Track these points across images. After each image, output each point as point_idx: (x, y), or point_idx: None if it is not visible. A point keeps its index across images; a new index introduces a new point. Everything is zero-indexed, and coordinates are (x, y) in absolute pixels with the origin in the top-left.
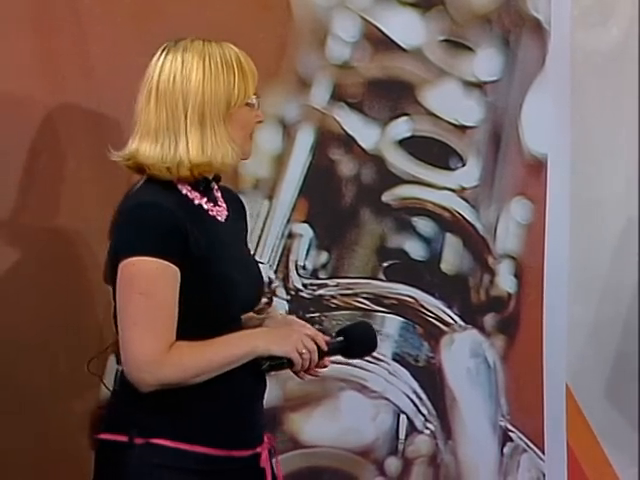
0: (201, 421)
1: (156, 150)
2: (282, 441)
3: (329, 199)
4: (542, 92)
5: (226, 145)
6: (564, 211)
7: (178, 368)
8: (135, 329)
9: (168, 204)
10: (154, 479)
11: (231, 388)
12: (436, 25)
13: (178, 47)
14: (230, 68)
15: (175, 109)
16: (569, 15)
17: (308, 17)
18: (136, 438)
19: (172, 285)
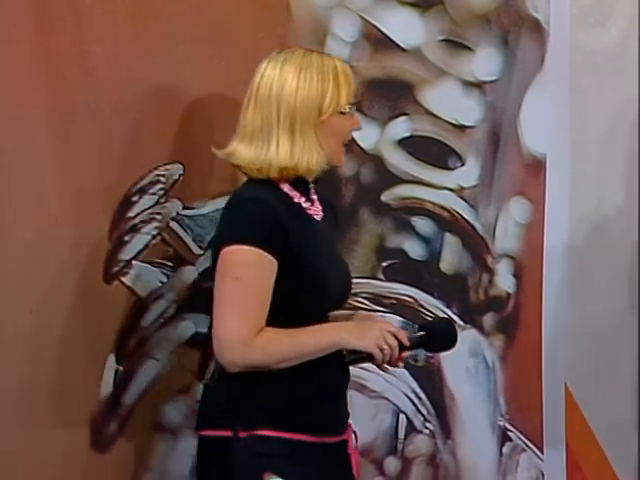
0: (297, 410)
1: (250, 152)
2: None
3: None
4: (541, 92)
5: (313, 151)
6: (563, 211)
7: (264, 352)
8: (227, 311)
9: (271, 200)
10: (260, 468)
11: (322, 378)
12: (435, 25)
13: (280, 56)
14: (325, 78)
15: (269, 114)
16: (568, 15)
17: (308, 17)
18: (240, 432)
19: (267, 274)
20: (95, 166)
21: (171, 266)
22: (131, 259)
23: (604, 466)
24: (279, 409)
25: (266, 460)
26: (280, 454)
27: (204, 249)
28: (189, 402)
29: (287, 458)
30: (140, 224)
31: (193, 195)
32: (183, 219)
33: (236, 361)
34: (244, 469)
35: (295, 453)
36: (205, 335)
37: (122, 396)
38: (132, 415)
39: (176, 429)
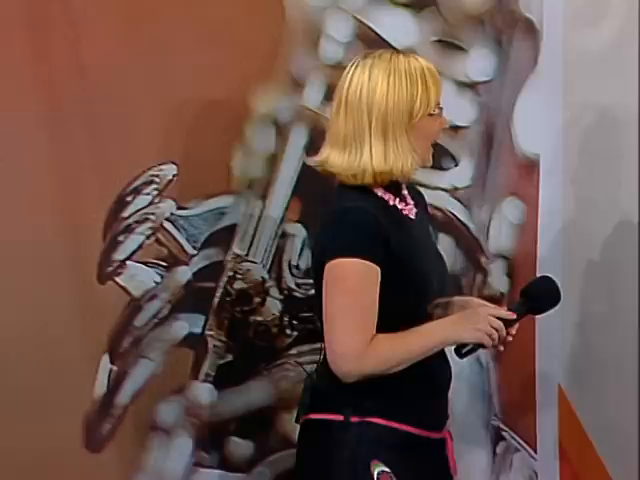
0: (407, 402)
1: (343, 158)
2: (275, 440)
3: (322, 199)
4: (534, 92)
5: (407, 154)
6: (557, 211)
7: (379, 360)
8: (339, 325)
9: (371, 209)
10: (369, 455)
11: (429, 373)
12: (429, 26)
13: (367, 61)
14: (414, 81)
15: (360, 120)
16: (561, 16)
17: (301, 18)
18: (352, 417)
19: (374, 284)
20: (89, 166)
21: (165, 266)
22: (125, 259)
23: (597, 466)
24: (390, 400)
25: (375, 448)
26: (389, 443)
27: (198, 249)
28: (183, 402)
29: (395, 448)
30: (134, 224)
31: (187, 195)
32: (177, 219)
33: (352, 372)
34: (353, 454)
35: (403, 444)
36: (198, 335)
37: (116, 396)
38: (126, 415)
39: (170, 429)
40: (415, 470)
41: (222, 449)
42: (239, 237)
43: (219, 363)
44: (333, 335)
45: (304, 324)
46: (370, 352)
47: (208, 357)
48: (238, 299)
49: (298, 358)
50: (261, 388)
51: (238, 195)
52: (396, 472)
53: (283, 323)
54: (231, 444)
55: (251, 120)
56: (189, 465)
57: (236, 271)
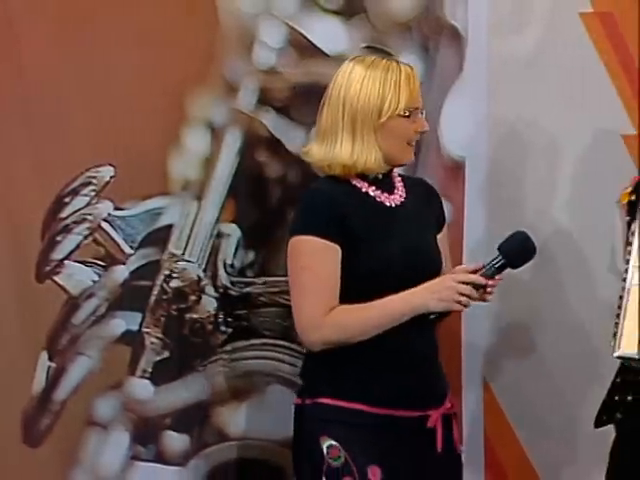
0: (359, 381)
1: (320, 150)
2: (210, 434)
3: (256, 200)
4: (460, 97)
5: (372, 151)
6: (481, 212)
7: (338, 328)
8: (299, 297)
9: (332, 192)
10: (319, 429)
11: (394, 348)
12: (358, 32)
13: (351, 62)
14: (386, 83)
15: (336, 115)
16: (485, 23)
17: (235, 24)
18: (307, 399)
19: (330, 259)
20: (27, 167)
21: (102, 265)
22: (63, 259)
23: (522, 458)
24: (341, 379)
25: (324, 425)
26: (337, 420)
27: (135, 249)
28: (120, 397)
29: (344, 425)
30: (72, 224)
31: (124, 196)
32: (114, 220)
33: (314, 340)
34: (306, 432)
35: (352, 420)
36: (135, 332)
37: (54, 392)
38: (64, 411)
39: (107, 424)
40: (368, 445)
41: (158, 443)
42: (175, 237)
43: (156, 359)
44: (294, 308)
45: (238, 321)
46: (329, 321)
47: (145, 354)
48: (174, 297)
49: (232, 354)
50: (196, 383)
51: (174, 196)
52: (346, 445)
53: (218, 320)
54: (167, 438)
55: (187, 123)
56: (126, 459)
57: (172, 270)
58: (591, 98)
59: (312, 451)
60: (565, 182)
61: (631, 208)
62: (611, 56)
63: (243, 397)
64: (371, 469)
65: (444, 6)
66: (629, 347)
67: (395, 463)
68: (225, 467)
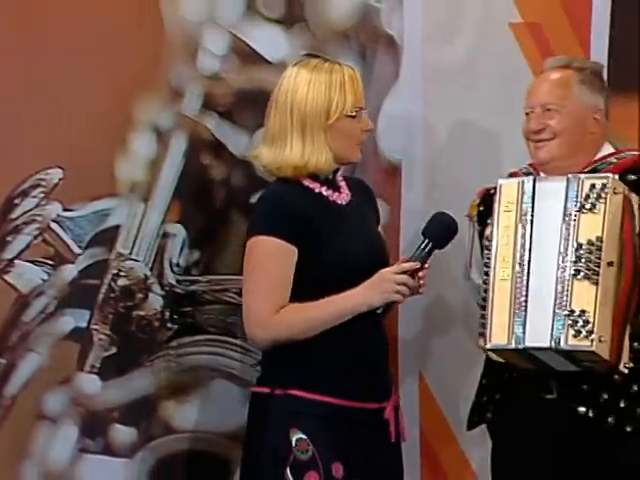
0: (330, 375)
1: (270, 153)
2: (157, 427)
3: (201, 201)
4: (396, 103)
5: (322, 151)
6: (417, 212)
7: (284, 325)
8: (249, 296)
9: (287, 194)
10: (289, 422)
11: (355, 346)
12: (299, 40)
13: (295, 67)
14: (332, 86)
15: (285, 119)
16: (420, 32)
17: (180, 32)
18: (276, 389)
19: (283, 259)
20: None
21: (52, 265)
22: (13, 258)
23: (456, 450)
24: (312, 373)
25: (294, 417)
26: (308, 413)
27: (83, 248)
28: (69, 392)
29: (314, 418)
30: (22, 225)
31: (72, 198)
32: (63, 220)
33: (260, 337)
34: (275, 423)
35: (324, 414)
36: (84, 329)
37: (4, 387)
38: (14, 405)
39: (56, 418)
40: (337, 438)
41: (106, 436)
42: (122, 237)
43: (103, 355)
44: (244, 306)
45: (184, 318)
46: (276, 319)
47: (93, 350)
48: (122, 295)
49: (178, 350)
50: (143, 378)
51: (121, 197)
52: (314, 440)
53: (164, 317)
54: (115, 431)
55: (133, 127)
56: (75, 451)
57: (120, 269)
58: (520, 104)
59: (278, 442)
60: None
61: (480, 218)
62: (539, 64)
63: (188, 391)
64: (335, 466)
65: (380, 16)
66: (499, 339)
67: (355, 458)
68: (171, 459)
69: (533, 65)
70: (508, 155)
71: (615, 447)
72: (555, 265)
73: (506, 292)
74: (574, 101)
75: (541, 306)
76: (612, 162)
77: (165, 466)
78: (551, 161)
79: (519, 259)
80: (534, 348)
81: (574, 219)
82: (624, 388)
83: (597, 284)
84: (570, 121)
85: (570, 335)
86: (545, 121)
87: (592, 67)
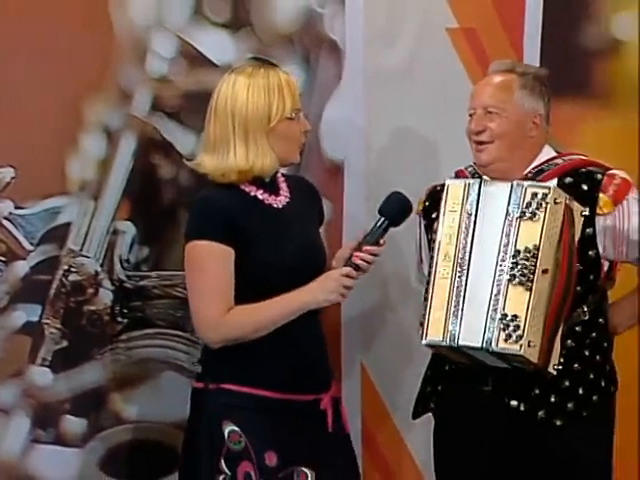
0: (264, 368)
1: (213, 161)
2: (107, 418)
3: (150, 199)
4: (339, 105)
5: (266, 154)
6: (359, 210)
7: (235, 326)
8: (196, 300)
9: (221, 198)
10: (222, 415)
11: (289, 341)
12: (244, 44)
13: (232, 75)
14: (270, 91)
15: (226, 126)
16: (361, 37)
17: (129, 35)
18: (210, 384)
19: (223, 261)
20: None
21: (4, 261)
22: None
23: (397, 439)
24: (245, 367)
25: (227, 411)
26: (240, 406)
27: (35, 245)
28: (21, 385)
29: (247, 411)
30: None
31: (24, 196)
32: (15, 218)
33: (213, 338)
34: (209, 417)
35: (257, 407)
36: (36, 323)
37: None
38: None
39: (9, 409)
40: (269, 429)
41: (57, 426)
42: (73, 234)
43: (55, 349)
44: (192, 310)
45: (134, 312)
46: (226, 320)
47: (45, 343)
48: (73, 290)
49: (128, 343)
50: (94, 371)
51: (72, 196)
52: (246, 431)
53: (114, 312)
54: (66, 422)
55: (84, 127)
56: (27, 442)
57: (71, 265)
58: (457, 107)
59: (213, 434)
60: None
61: (426, 213)
62: (475, 68)
63: (138, 383)
64: (268, 455)
65: (323, 21)
66: (435, 335)
67: (290, 447)
68: (121, 448)
69: (469, 69)
70: (445, 156)
71: (545, 440)
72: (493, 269)
73: (445, 290)
74: (514, 105)
75: (477, 307)
76: (557, 163)
77: (115, 455)
78: (491, 163)
79: (460, 259)
80: (467, 347)
81: (514, 225)
82: (555, 383)
83: (531, 291)
84: (510, 125)
85: (501, 338)
86: (486, 123)
87: (535, 72)
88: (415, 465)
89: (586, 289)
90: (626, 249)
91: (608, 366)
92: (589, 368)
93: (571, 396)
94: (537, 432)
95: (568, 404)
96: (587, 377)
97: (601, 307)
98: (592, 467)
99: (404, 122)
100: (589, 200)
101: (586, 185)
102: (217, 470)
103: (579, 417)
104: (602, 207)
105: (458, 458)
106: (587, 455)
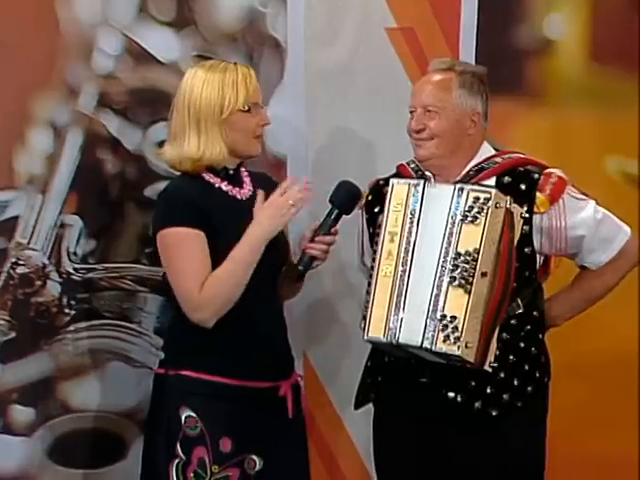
0: (220, 356)
1: (172, 150)
2: (54, 407)
3: (97, 193)
4: (282, 102)
5: (216, 145)
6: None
7: (213, 295)
8: (177, 286)
9: (186, 188)
10: (180, 400)
11: (244, 328)
12: (189, 42)
13: (192, 69)
14: (225, 84)
15: (183, 117)
16: (303, 36)
17: (75, 33)
18: (170, 370)
19: (196, 244)
20: None
21: None
22: None
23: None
24: (203, 354)
25: (185, 396)
26: (197, 392)
27: None
28: None
29: (204, 397)
30: None
31: None
32: None
33: (202, 318)
34: (167, 402)
35: (210, 392)
36: None
37: None
38: None
39: None
40: (225, 415)
41: (6, 416)
42: (21, 227)
43: (3, 340)
44: (177, 295)
45: (81, 304)
46: (204, 296)
47: None
48: (21, 282)
49: (76, 334)
50: (42, 361)
51: (20, 190)
52: (202, 417)
53: (62, 303)
54: (14, 411)
55: (31, 123)
56: None
57: (19, 258)
58: (397, 103)
59: (170, 419)
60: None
61: (369, 207)
62: (413, 66)
63: (85, 373)
64: (223, 441)
65: (266, 20)
66: (376, 332)
67: (245, 434)
68: (68, 437)
69: (407, 67)
70: (384, 151)
71: (481, 430)
72: (434, 270)
73: (387, 288)
74: (453, 104)
75: (417, 307)
76: (497, 162)
77: (62, 444)
78: (429, 159)
79: (402, 259)
80: (406, 345)
81: (456, 228)
82: (492, 375)
83: (470, 293)
84: (448, 123)
85: (440, 339)
86: (425, 122)
87: (473, 70)
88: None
89: (521, 284)
90: (564, 245)
91: (543, 358)
92: (524, 360)
93: (506, 387)
94: (473, 422)
95: (503, 395)
96: (522, 368)
97: (536, 301)
98: (526, 456)
99: (345, 118)
100: (527, 199)
101: (524, 184)
102: (173, 454)
103: (514, 407)
104: (539, 206)
105: (396, 449)
106: (521, 444)
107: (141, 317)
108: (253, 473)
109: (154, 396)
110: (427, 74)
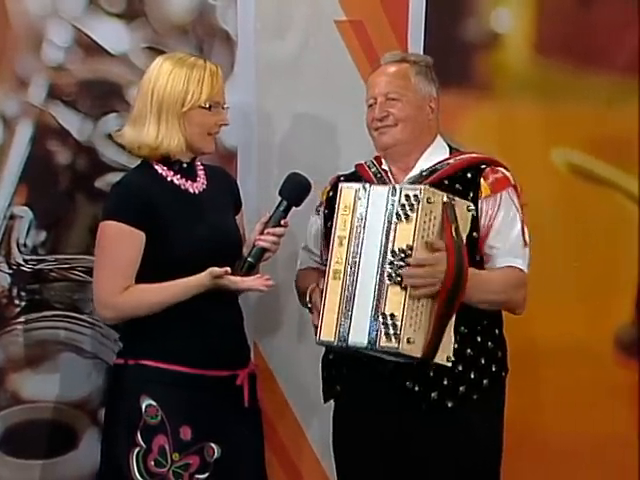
0: (178, 345)
1: (131, 133)
2: (4, 398)
3: (47, 185)
4: (232, 94)
5: (174, 136)
6: (252, 194)
7: (129, 306)
8: (97, 277)
9: (138, 181)
10: (140, 390)
11: (202, 317)
12: (139, 34)
13: (161, 58)
14: (191, 78)
15: (145, 103)
16: (253, 28)
17: (24, 24)
18: (129, 360)
19: (127, 242)
20: None
21: None
22: None
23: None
24: (162, 344)
25: (145, 386)
26: (157, 381)
27: None
28: None
29: (164, 385)
30: None
31: None
32: None
33: (106, 316)
34: (127, 391)
35: (173, 381)
36: None
37: None
38: None
39: None
40: (185, 403)
41: None
42: None
43: None
44: (94, 285)
45: (31, 295)
46: (122, 297)
47: None
48: None
49: (26, 325)
50: None
51: None
52: (163, 406)
53: (12, 295)
54: None
55: None
56: None
57: None
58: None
59: (131, 408)
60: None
61: (329, 203)
62: (362, 58)
63: (36, 364)
64: (183, 429)
65: (216, 12)
66: (327, 335)
67: (204, 423)
68: (18, 427)
69: (357, 60)
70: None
71: (437, 421)
72: (376, 270)
73: (337, 292)
74: (413, 90)
75: (363, 308)
76: (449, 163)
77: (13, 435)
78: (393, 145)
79: (350, 262)
80: (355, 347)
81: (392, 227)
82: (450, 368)
83: (406, 290)
84: (411, 108)
85: (382, 337)
86: (388, 109)
87: (425, 60)
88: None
89: None
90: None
91: (500, 352)
92: (481, 353)
93: (463, 379)
94: (430, 413)
95: (460, 387)
96: (479, 362)
97: None
98: (481, 448)
99: (295, 110)
100: (472, 186)
101: (470, 173)
102: (133, 443)
103: (469, 399)
104: (482, 191)
105: (356, 440)
106: (476, 436)
107: (92, 308)
108: (212, 461)
109: (113, 386)
110: (380, 67)
